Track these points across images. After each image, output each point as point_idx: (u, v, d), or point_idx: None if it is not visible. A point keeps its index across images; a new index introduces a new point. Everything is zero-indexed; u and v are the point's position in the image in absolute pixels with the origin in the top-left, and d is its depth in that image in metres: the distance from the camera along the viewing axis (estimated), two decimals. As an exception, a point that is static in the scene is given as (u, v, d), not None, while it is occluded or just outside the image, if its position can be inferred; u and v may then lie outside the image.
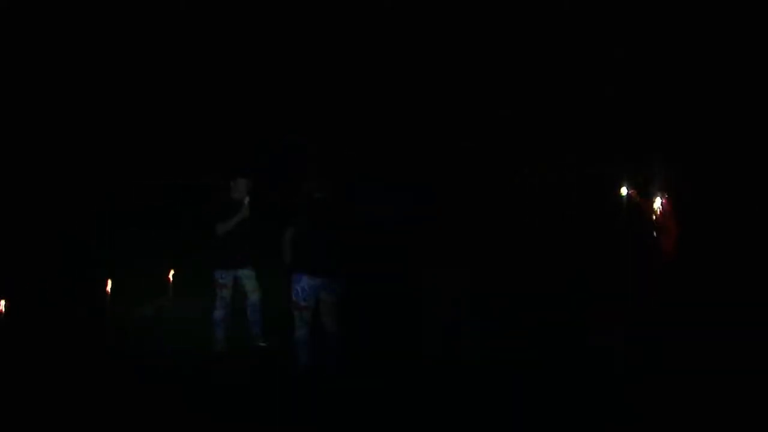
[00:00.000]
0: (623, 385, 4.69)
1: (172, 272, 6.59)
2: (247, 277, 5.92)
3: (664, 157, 7.22)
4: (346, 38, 11.95)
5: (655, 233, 5.58)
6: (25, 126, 10.69)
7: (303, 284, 4.92)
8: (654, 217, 5.73)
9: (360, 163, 10.91)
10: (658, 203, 5.65)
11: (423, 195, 5.62)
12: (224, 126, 11.46)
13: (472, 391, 4.77)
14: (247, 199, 5.76)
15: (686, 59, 9.39)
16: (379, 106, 11.83)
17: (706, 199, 6.77)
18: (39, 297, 6.94)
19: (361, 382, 4.97)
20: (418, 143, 9.86)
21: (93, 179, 10.49)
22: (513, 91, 10.57)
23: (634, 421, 4.27)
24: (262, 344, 5.93)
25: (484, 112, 10.70)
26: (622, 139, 8.64)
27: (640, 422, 4.25)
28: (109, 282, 6.20)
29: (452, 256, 5.12)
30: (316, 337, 5.39)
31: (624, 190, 5.46)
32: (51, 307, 6.75)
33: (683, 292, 5.78)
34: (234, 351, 5.79)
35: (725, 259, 6.25)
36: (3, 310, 5.18)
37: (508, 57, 10.88)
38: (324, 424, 4.34)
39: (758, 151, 7.76)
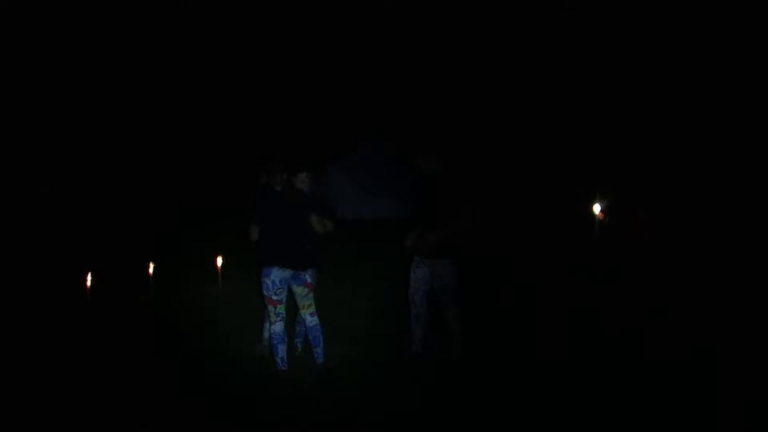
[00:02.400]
0: (622, 385, 4.56)
1: (220, 259, 6.44)
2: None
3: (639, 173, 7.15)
4: (346, 39, 11.94)
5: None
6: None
7: (273, 277, 4.78)
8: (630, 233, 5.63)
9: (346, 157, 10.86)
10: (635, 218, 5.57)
11: (413, 189, 5.48)
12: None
13: (462, 387, 4.67)
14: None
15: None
16: (370, 104, 11.81)
17: (681, 214, 6.58)
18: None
19: (349, 375, 4.87)
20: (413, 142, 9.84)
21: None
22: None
23: (633, 420, 4.15)
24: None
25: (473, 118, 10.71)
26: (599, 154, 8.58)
27: (639, 422, 4.13)
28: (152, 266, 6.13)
29: (442, 250, 5.00)
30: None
31: (596, 208, 5.29)
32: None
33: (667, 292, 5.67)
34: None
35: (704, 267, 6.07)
36: None
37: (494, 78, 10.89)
38: (313, 419, 4.24)
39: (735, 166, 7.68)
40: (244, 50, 11.87)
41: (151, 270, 6.60)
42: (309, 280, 4.92)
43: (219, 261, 6.49)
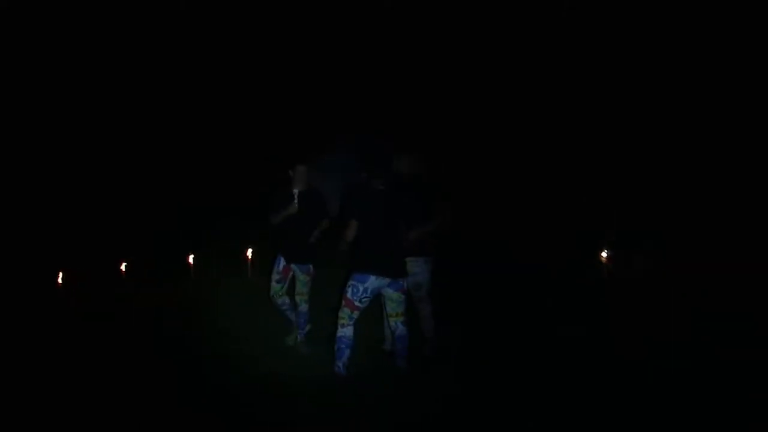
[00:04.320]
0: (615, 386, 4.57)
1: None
2: (297, 277, 5.47)
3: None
4: (349, 39, 11.90)
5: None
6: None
7: (368, 285, 4.46)
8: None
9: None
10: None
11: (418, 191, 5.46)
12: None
13: (437, 384, 4.60)
14: (296, 192, 5.27)
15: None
16: (353, 106, 11.78)
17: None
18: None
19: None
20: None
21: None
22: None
23: (631, 420, 4.16)
24: (304, 351, 5.51)
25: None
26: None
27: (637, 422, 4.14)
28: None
29: (419, 248, 4.98)
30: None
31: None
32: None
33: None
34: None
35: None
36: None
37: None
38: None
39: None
40: (244, 50, 11.82)
41: (123, 268, 6.61)
42: (405, 285, 4.65)
43: (191, 258, 6.52)
